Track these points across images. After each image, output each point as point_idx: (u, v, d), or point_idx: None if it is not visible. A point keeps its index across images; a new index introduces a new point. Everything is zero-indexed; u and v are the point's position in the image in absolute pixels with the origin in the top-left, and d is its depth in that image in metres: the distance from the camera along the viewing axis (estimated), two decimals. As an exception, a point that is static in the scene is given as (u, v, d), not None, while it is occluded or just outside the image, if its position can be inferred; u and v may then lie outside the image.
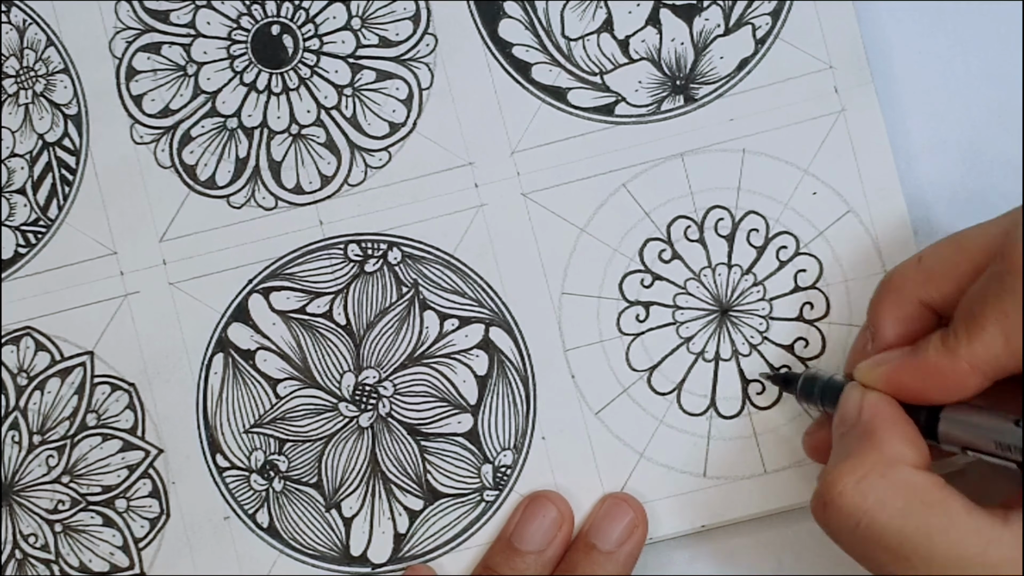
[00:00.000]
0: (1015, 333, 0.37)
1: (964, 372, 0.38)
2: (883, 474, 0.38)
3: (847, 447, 0.40)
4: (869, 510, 0.37)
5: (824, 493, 0.38)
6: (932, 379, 0.39)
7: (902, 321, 0.42)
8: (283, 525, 0.48)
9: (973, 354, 0.38)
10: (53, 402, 0.49)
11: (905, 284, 0.42)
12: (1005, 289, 0.37)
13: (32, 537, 0.49)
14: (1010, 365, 0.38)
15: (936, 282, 0.41)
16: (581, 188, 0.48)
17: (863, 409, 0.40)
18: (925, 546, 0.37)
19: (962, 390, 0.39)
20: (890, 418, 0.39)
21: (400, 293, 0.49)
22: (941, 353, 0.39)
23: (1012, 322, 0.37)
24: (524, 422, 0.48)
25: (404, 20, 0.49)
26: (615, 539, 0.46)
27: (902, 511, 0.37)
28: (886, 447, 0.38)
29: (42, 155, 0.50)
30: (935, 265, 0.42)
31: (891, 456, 0.38)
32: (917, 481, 0.38)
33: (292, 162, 0.49)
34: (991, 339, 0.37)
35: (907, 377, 0.40)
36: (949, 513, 0.37)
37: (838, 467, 0.38)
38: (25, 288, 0.50)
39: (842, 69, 0.48)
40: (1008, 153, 0.48)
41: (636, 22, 0.49)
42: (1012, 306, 0.37)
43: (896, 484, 0.38)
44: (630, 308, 0.48)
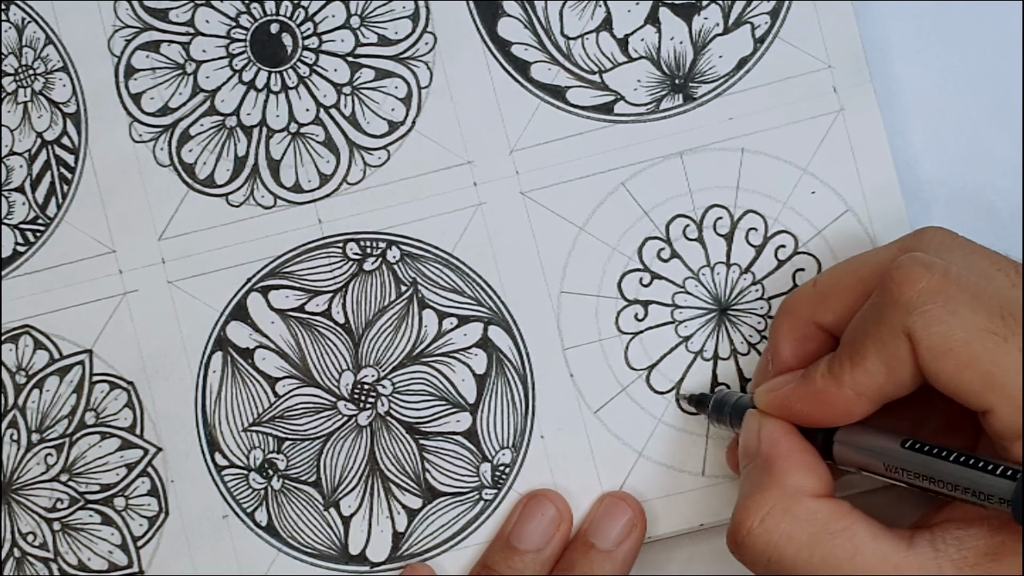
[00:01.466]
0: (895, 363, 0.37)
1: (850, 399, 0.39)
2: (786, 509, 0.39)
3: (751, 483, 0.40)
4: (777, 546, 0.38)
5: (734, 533, 0.39)
6: (820, 405, 0.40)
7: (798, 342, 0.43)
8: (282, 524, 0.48)
9: (856, 382, 0.39)
10: (52, 400, 0.49)
11: (800, 306, 0.43)
12: (884, 321, 0.38)
13: (31, 536, 0.49)
14: (895, 392, 0.38)
15: (830, 304, 0.42)
16: (580, 187, 0.48)
17: (761, 440, 0.41)
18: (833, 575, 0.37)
19: (849, 415, 0.39)
20: (787, 448, 0.40)
21: (399, 292, 0.49)
22: (827, 380, 0.39)
23: (891, 352, 0.37)
24: (523, 421, 0.48)
25: (403, 19, 0.49)
26: (613, 538, 0.46)
27: (808, 544, 0.38)
28: (787, 480, 0.39)
29: (41, 153, 0.50)
30: (829, 288, 0.42)
31: (792, 489, 0.39)
32: (820, 512, 0.38)
33: (291, 161, 0.49)
34: (873, 368, 0.38)
35: (797, 404, 0.40)
36: (854, 540, 0.38)
37: (744, 505, 0.39)
38: (24, 286, 0.49)
39: (841, 68, 0.48)
40: (1007, 153, 0.48)
41: (635, 21, 0.49)
42: (890, 338, 0.37)
43: (799, 518, 0.38)
44: (629, 307, 0.48)
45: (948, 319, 0.37)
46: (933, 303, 0.37)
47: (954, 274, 0.37)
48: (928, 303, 0.37)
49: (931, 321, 0.37)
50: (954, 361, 0.36)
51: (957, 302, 0.37)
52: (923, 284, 0.37)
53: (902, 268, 0.38)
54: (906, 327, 0.37)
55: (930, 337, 0.37)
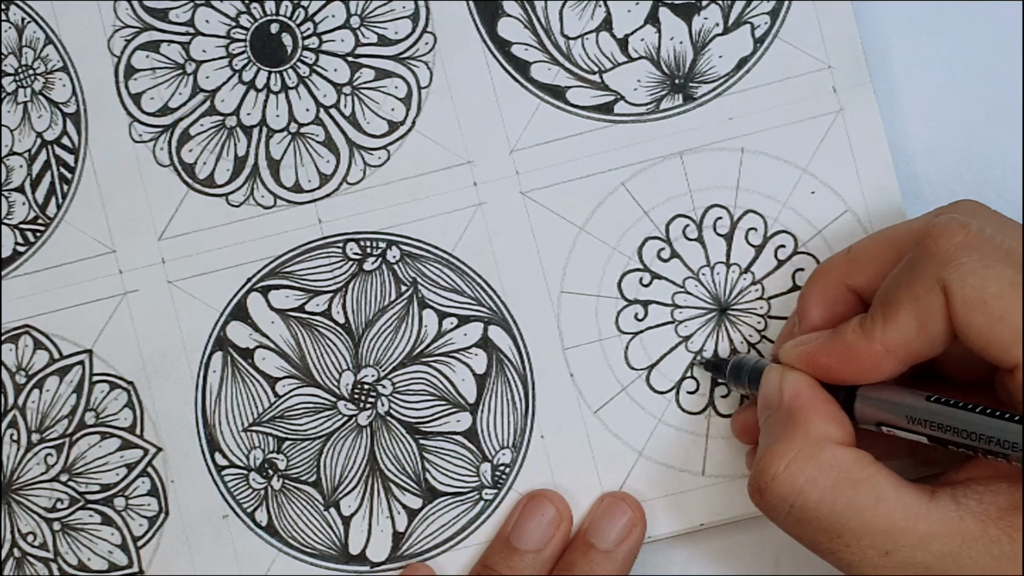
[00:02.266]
0: (928, 318, 0.38)
1: (879, 355, 0.39)
2: (811, 455, 0.39)
3: (774, 431, 0.40)
4: (801, 491, 0.38)
5: (758, 479, 0.39)
6: (849, 360, 0.40)
7: (827, 304, 0.43)
8: (282, 524, 0.48)
9: (888, 337, 0.39)
10: (52, 400, 0.49)
11: (833, 270, 0.43)
12: (918, 275, 0.38)
13: (31, 536, 0.49)
14: (924, 350, 0.39)
15: (861, 268, 0.42)
16: (580, 187, 0.48)
17: (783, 391, 0.41)
18: (856, 521, 0.38)
19: (877, 372, 0.39)
20: (811, 398, 0.40)
21: (399, 291, 0.49)
22: (858, 335, 0.39)
23: (924, 306, 0.38)
24: (523, 421, 0.48)
25: (403, 18, 0.49)
26: (613, 538, 0.46)
27: (832, 489, 0.38)
28: (811, 428, 0.39)
29: (41, 153, 0.50)
30: (861, 253, 0.43)
31: (817, 437, 0.39)
32: (844, 459, 0.39)
33: (291, 160, 0.49)
34: (905, 323, 0.38)
35: (825, 357, 0.40)
36: (877, 489, 0.38)
37: (768, 453, 0.39)
38: (24, 286, 0.49)
39: (840, 69, 0.48)
40: (1007, 153, 0.48)
41: (635, 21, 0.49)
42: (924, 291, 0.38)
43: (824, 464, 0.38)
44: (629, 307, 0.48)
45: (983, 272, 0.37)
46: (968, 256, 0.37)
47: (989, 233, 0.38)
48: (964, 256, 0.37)
49: (966, 273, 0.37)
50: (987, 314, 0.37)
51: (992, 257, 0.37)
52: (960, 239, 0.38)
53: (939, 224, 0.38)
54: (941, 279, 0.37)
55: (964, 289, 0.37)
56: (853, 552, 0.38)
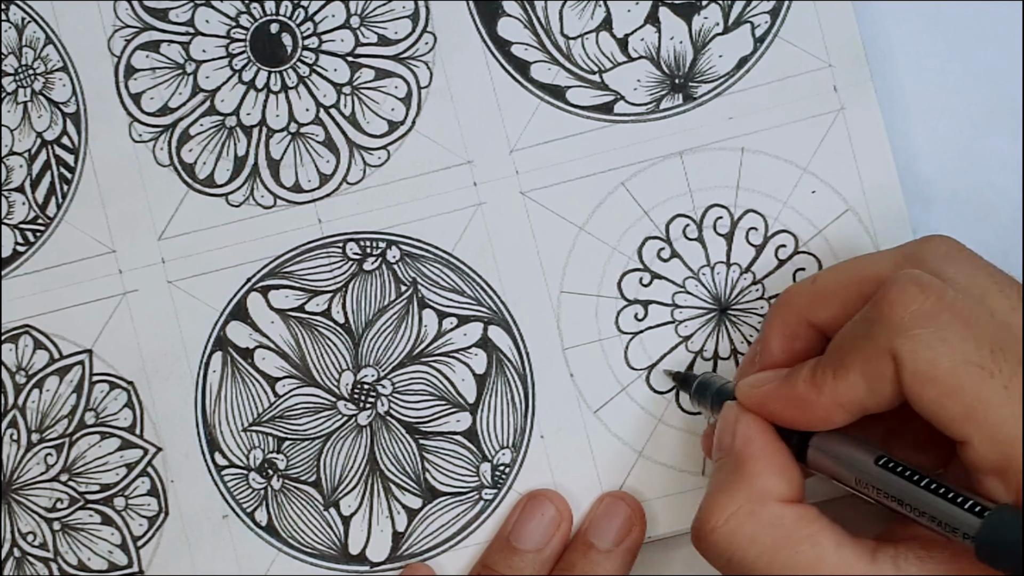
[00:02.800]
0: (877, 382, 0.37)
1: (828, 408, 0.39)
2: (751, 511, 0.38)
3: (720, 479, 0.40)
4: (739, 547, 0.38)
5: (699, 528, 0.39)
6: (799, 410, 0.39)
7: (788, 338, 0.42)
8: (282, 523, 0.48)
9: (837, 393, 0.38)
10: (52, 400, 0.49)
11: (796, 302, 0.43)
12: (870, 338, 0.37)
13: (31, 535, 0.49)
14: (873, 408, 0.38)
15: (825, 304, 0.42)
16: (580, 187, 0.48)
17: (736, 436, 0.41)
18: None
19: (827, 423, 0.39)
20: (760, 448, 0.40)
21: (399, 291, 0.49)
22: (809, 386, 0.39)
23: (873, 370, 0.37)
24: (523, 421, 0.48)
25: (403, 18, 0.49)
26: (613, 538, 0.46)
27: (771, 548, 0.38)
28: (756, 482, 0.39)
29: (41, 153, 0.50)
30: (827, 286, 0.42)
31: (760, 491, 0.39)
32: (786, 517, 0.38)
33: (291, 160, 0.49)
34: (855, 382, 0.38)
35: (776, 404, 0.40)
36: (817, 548, 0.38)
37: (711, 501, 0.39)
38: (24, 286, 0.50)
39: (841, 68, 0.48)
40: (1007, 152, 0.48)
41: (635, 20, 0.48)
42: (875, 356, 0.37)
43: (764, 522, 0.38)
44: (629, 307, 0.48)
45: (936, 346, 0.36)
46: (923, 328, 0.36)
47: (949, 298, 0.37)
48: (918, 327, 0.36)
49: (919, 346, 0.36)
50: (937, 389, 0.36)
51: (948, 329, 0.36)
52: (916, 306, 0.37)
53: (897, 285, 0.37)
54: (893, 348, 0.36)
55: (916, 362, 0.36)
56: None
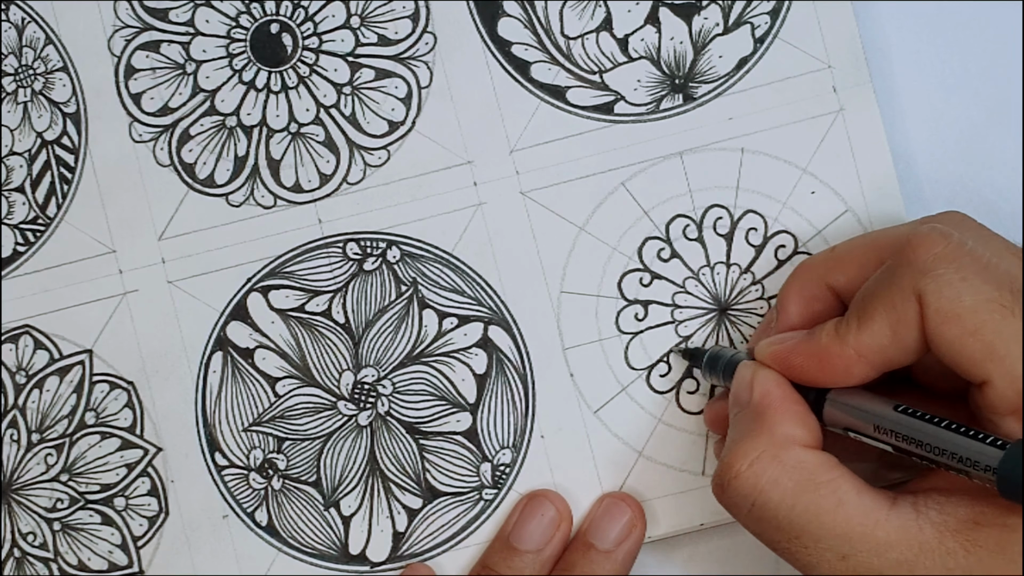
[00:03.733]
0: (902, 326, 0.38)
1: (851, 359, 0.39)
2: (775, 456, 0.39)
3: (741, 428, 0.41)
4: (762, 491, 0.39)
5: (721, 475, 0.40)
6: (821, 363, 0.40)
7: (806, 301, 0.43)
8: (282, 523, 0.48)
9: (861, 343, 0.39)
10: (52, 400, 0.49)
11: (814, 267, 0.43)
12: (895, 283, 0.38)
13: (31, 535, 0.49)
14: (897, 357, 0.39)
15: (843, 267, 0.42)
16: (580, 187, 0.48)
17: (754, 389, 0.41)
18: (814, 524, 0.38)
19: (849, 377, 0.39)
20: (780, 398, 0.40)
21: (399, 291, 0.49)
22: (832, 339, 0.39)
23: (899, 315, 0.38)
24: (523, 421, 0.48)
25: (403, 18, 0.49)
26: (613, 538, 0.46)
27: (793, 491, 0.38)
28: (777, 428, 0.39)
29: (41, 153, 0.50)
30: (845, 253, 0.43)
31: (782, 437, 0.39)
32: (808, 461, 0.39)
33: (291, 160, 0.49)
34: (879, 330, 0.38)
35: (798, 358, 0.40)
36: (838, 493, 0.38)
37: (733, 450, 0.40)
38: (24, 286, 0.49)
39: (840, 68, 0.48)
40: (1007, 153, 0.48)
41: (635, 21, 0.49)
42: (900, 300, 0.38)
43: (787, 465, 0.39)
44: (629, 307, 0.48)
45: (959, 284, 0.37)
46: (946, 268, 0.37)
47: (970, 246, 0.38)
48: (941, 267, 0.37)
49: (942, 285, 0.37)
50: (960, 327, 0.37)
51: (969, 270, 0.37)
52: (939, 249, 0.38)
53: (920, 233, 0.38)
54: (917, 289, 0.37)
55: (939, 300, 0.37)
56: (811, 554, 0.38)
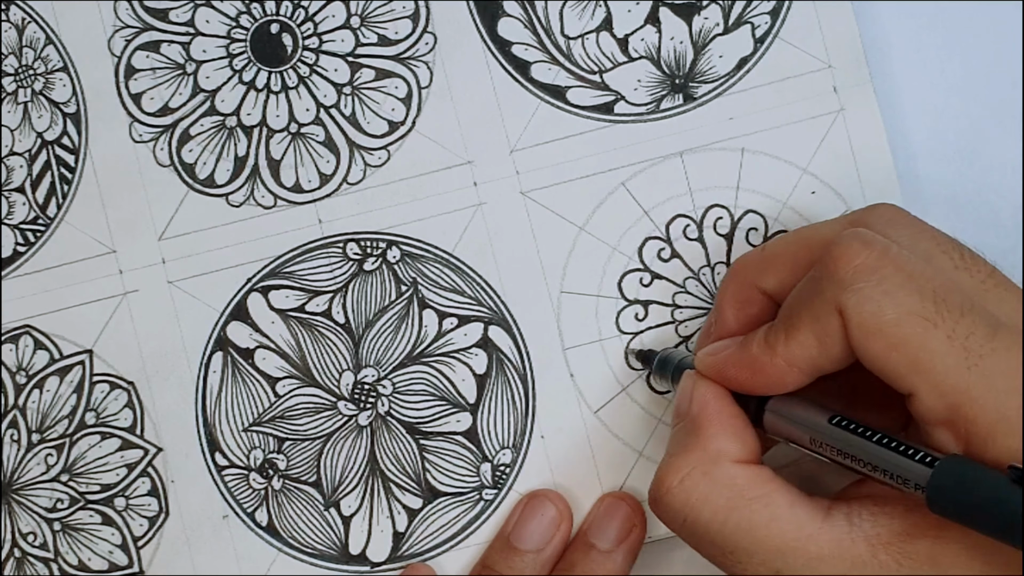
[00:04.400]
0: (827, 338, 0.38)
1: (782, 369, 0.39)
2: (705, 472, 0.39)
3: (676, 442, 0.41)
4: (693, 507, 0.39)
5: (654, 490, 0.40)
6: (754, 373, 0.40)
7: (741, 305, 0.43)
8: (282, 524, 0.48)
9: (790, 353, 0.39)
10: (52, 400, 0.49)
11: (746, 270, 0.43)
12: (817, 295, 0.38)
13: (31, 536, 0.49)
14: (827, 366, 0.38)
15: (774, 270, 0.42)
16: (580, 187, 0.48)
17: (692, 401, 0.41)
18: (747, 540, 0.38)
19: (783, 384, 0.39)
20: (716, 412, 0.40)
21: (399, 292, 0.49)
22: (763, 349, 0.39)
23: (823, 327, 0.37)
24: (523, 421, 0.48)
25: (403, 19, 0.49)
26: (614, 538, 0.46)
27: (724, 507, 0.38)
28: (711, 443, 0.39)
29: (41, 153, 0.50)
30: (775, 252, 0.42)
31: (714, 453, 0.39)
32: (740, 477, 0.39)
33: (291, 161, 0.49)
34: (805, 340, 0.38)
35: (732, 369, 0.40)
36: (771, 507, 0.38)
37: (665, 465, 0.40)
38: (24, 286, 0.50)
39: (841, 68, 0.48)
40: (1007, 153, 0.48)
41: (635, 21, 0.49)
42: (823, 313, 0.37)
43: (718, 482, 0.39)
44: (629, 307, 0.48)
45: (880, 299, 0.36)
46: (867, 282, 0.37)
47: (893, 253, 0.37)
48: (862, 281, 0.37)
49: (863, 300, 0.37)
50: (883, 342, 0.36)
51: (891, 282, 0.37)
52: (859, 261, 0.37)
53: (841, 244, 0.38)
54: (839, 303, 0.37)
55: (861, 315, 0.36)
56: (745, 568, 0.38)
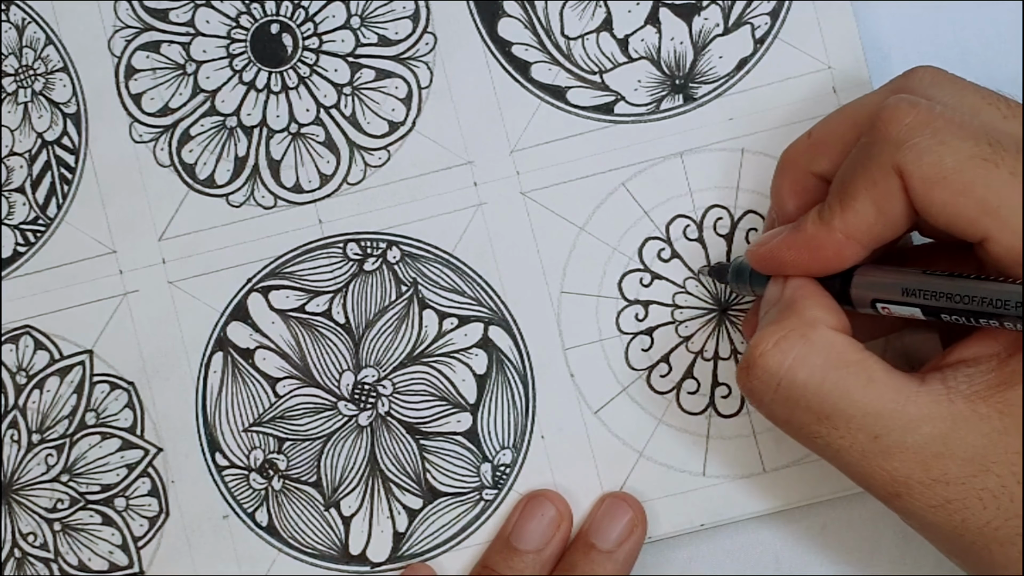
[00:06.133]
0: (886, 202, 0.37)
1: (840, 243, 0.39)
2: (802, 334, 0.38)
3: (769, 318, 0.40)
4: (789, 368, 0.38)
5: (747, 357, 0.39)
6: (811, 251, 0.39)
7: (799, 194, 0.42)
8: (282, 524, 0.48)
9: (847, 224, 0.38)
10: (52, 401, 0.49)
11: (797, 158, 0.43)
12: (872, 159, 0.38)
13: (31, 536, 0.49)
14: (885, 233, 0.38)
15: (825, 152, 0.41)
16: (580, 187, 0.48)
17: (785, 288, 0.40)
18: (844, 403, 0.37)
19: (841, 260, 0.39)
20: (809, 291, 0.40)
21: (399, 292, 0.49)
22: (817, 226, 0.39)
23: (881, 191, 0.37)
24: (523, 421, 0.48)
25: (403, 19, 0.49)
26: (614, 538, 0.46)
27: (821, 368, 0.38)
28: (806, 312, 0.39)
29: (41, 154, 0.50)
30: (823, 136, 0.42)
31: (811, 319, 0.39)
32: (836, 341, 0.38)
33: (291, 161, 0.49)
34: (863, 209, 0.38)
35: (788, 252, 0.40)
36: (867, 371, 0.37)
37: (759, 333, 0.39)
38: (24, 287, 0.49)
39: (840, 69, 0.48)
40: (1007, 153, 0.48)
41: (635, 21, 0.49)
42: (880, 176, 0.37)
43: (815, 343, 0.38)
44: (629, 307, 0.48)
45: (937, 149, 0.36)
46: (921, 136, 0.37)
47: (939, 109, 0.37)
48: (916, 136, 0.37)
49: (921, 152, 0.36)
50: (948, 189, 0.36)
51: (945, 133, 0.36)
52: (910, 119, 0.37)
53: (888, 107, 0.38)
54: (896, 162, 0.37)
55: (921, 169, 0.36)
56: (842, 436, 0.37)
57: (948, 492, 0.37)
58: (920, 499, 0.37)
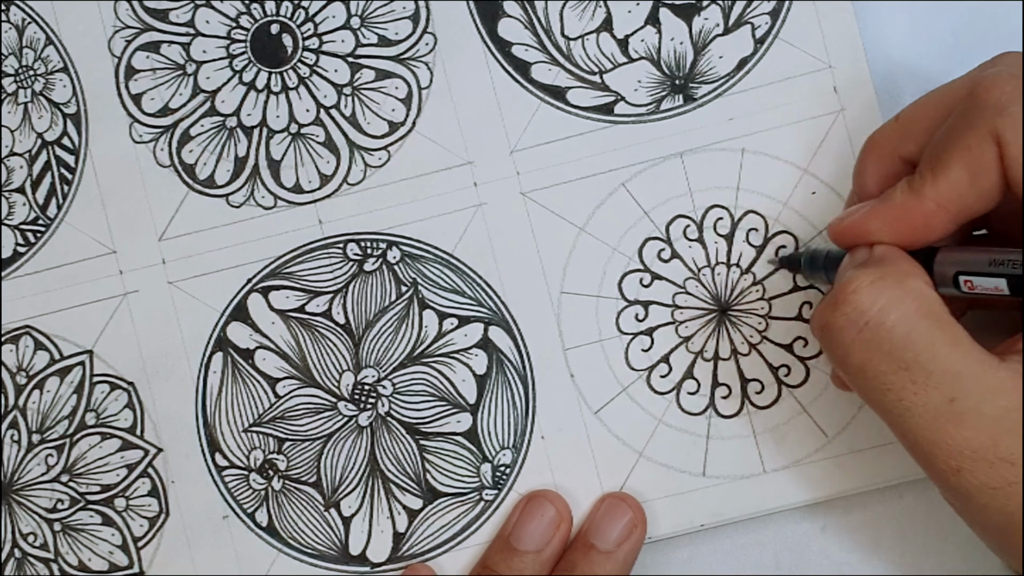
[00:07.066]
0: (980, 169, 0.37)
1: (930, 212, 0.38)
2: (899, 280, 0.37)
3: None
4: (881, 309, 0.37)
5: (838, 293, 0.38)
6: (899, 221, 0.39)
7: (884, 178, 0.41)
8: (282, 524, 0.48)
9: (938, 193, 0.38)
10: (52, 401, 0.49)
11: (884, 141, 0.42)
12: (969, 126, 0.37)
13: (31, 536, 0.49)
14: (976, 204, 0.38)
15: (913, 135, 0.41)
16: (580, 187, 0.48)
17: (873, 251, 0.39)
18: (927, 356, 0.36)
19: (928, 232, 0.38)
20: (901, 253, 0.39)
21: (399, 292, 0.49)
22: (907, 195, 0.38)
23: (976, 157, 0.37)
24: (523, 421, 0.48)
25: (403, 19, 0.49)
26: (614, 538, 0.46)
27: (914, 314, 0.36)
28: (902, 264, 0.38)
29: (41, 154, 0.50)
30: (911, 119, 0.41)
31: (907, 269, 0.38)
32: (930, 295, 0.37)
33: (291, 161, 0.49)
34: (956, 176, 0.37)
35: (875, 222, 0.39)
36: (955, 332, 0.36)
37: (852, 272, 0.38)
38: (24, 287, 0.50)
39: (841, 69, 0.48)
40: (1007, 153, 0.48)
41: (635, 21, 0.49)
42: (976, 142, 0.37)
43: (910, 290, 0.37)
44: (629, 307, 0.48)
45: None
46: (1020, 104, 0.36)
47: None
48: (1015, 104, 0.36)
49: (1020, 120, 0.36)
50: None
51: None
52: (1011, 88, 0.36)
53: (988, 76, 0.37)
54: (994, 129, 0.36)
55: (1020, 135, 0.36)
56: (916, 392, 0.36)
57: (1012, 474, 0.35)
58: (982, 477, 0.36)
